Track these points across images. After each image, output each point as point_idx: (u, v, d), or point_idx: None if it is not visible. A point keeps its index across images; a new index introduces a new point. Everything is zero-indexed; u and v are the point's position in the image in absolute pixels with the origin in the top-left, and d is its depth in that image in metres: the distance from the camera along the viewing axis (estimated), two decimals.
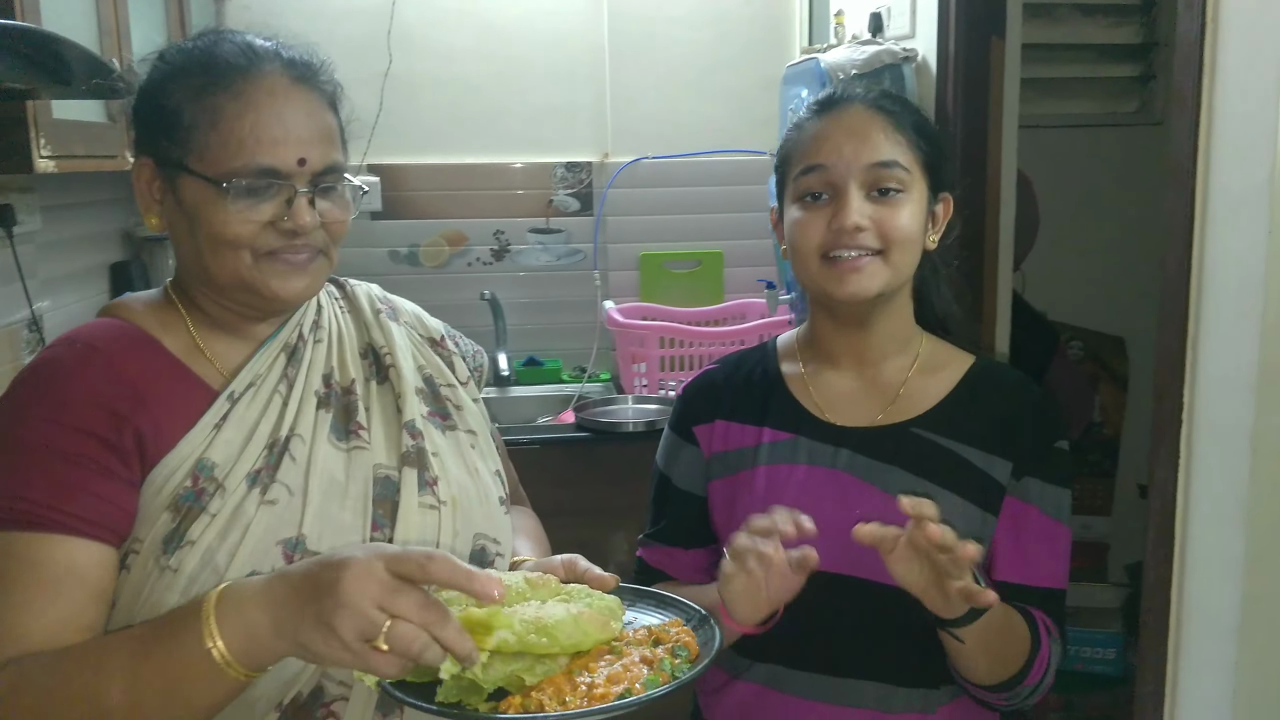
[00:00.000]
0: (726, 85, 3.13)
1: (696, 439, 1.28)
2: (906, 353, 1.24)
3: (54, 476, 0.91)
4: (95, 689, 0.85)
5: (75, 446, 0.92)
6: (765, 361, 1.31)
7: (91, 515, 0.92)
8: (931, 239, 1.21)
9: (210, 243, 0.99)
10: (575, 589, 1.01)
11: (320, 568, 0.82)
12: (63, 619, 0.90)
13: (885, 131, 1.15)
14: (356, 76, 2.88)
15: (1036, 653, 1.12)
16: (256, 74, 0.98)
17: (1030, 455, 1.18)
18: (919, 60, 2.27)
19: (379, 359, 1.14)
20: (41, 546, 0.90)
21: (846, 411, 1.22)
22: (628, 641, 0.97)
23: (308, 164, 0.99)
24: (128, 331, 1.03)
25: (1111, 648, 2.85)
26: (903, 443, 1.18)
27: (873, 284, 1.14)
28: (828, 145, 1.15)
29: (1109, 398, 3.16)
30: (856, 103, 1.18)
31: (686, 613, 1.05)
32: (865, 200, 1.14)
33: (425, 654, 0.80)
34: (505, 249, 3.13)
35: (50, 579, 0.90)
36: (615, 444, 2.58)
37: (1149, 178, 1.51)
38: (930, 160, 1.18)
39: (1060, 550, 1.19)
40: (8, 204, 1.94)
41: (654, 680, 0.91)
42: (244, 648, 0.84)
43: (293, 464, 1.01)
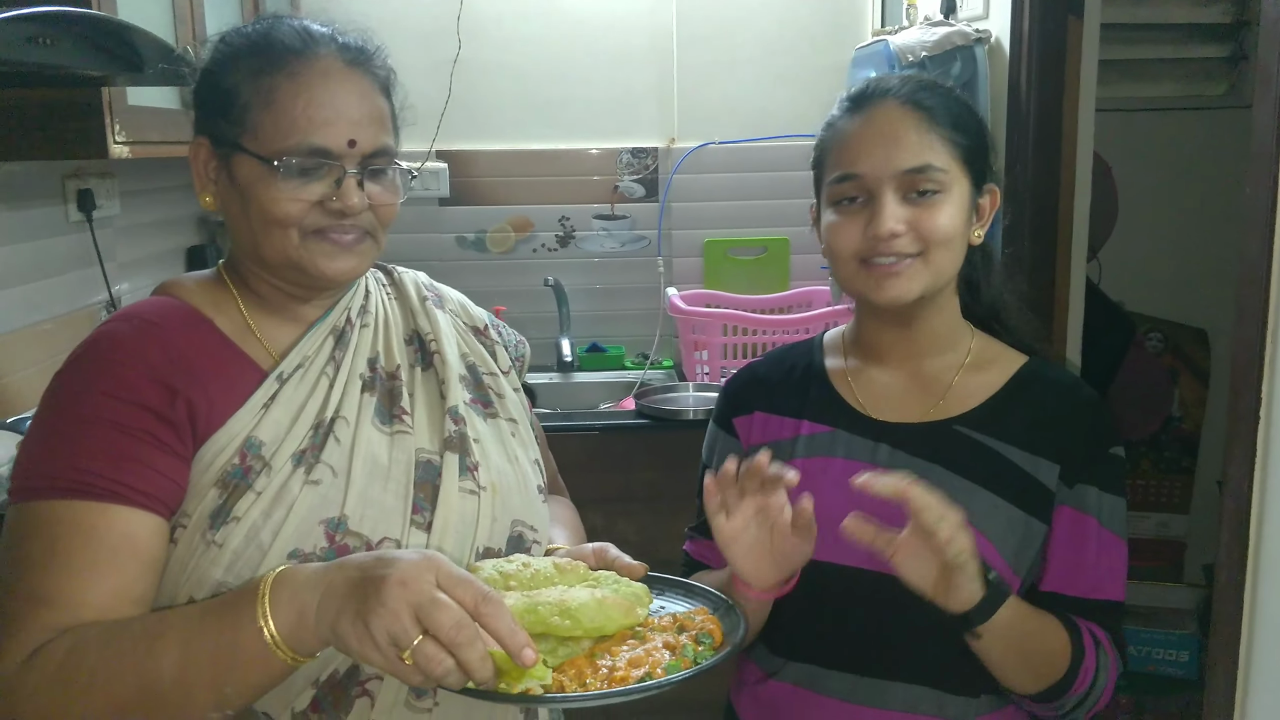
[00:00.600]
0: (795, 69, 3.09)
1: (736, 431, 1.28)
2: (955, 349, 1.21)
3: (111, 448, 0.94)
4: (147, 662, 0.87)
5: (132, 419, 0.95)
6: (810, 355, 1.29)
7: (147, 487, 0.94)
8: (977, 233, 1.18)
9: (260, 221, 1.01)
10: (603, 575, 1.01)
11: (375, 562, 0.84)
12: (117, 589, 0.92)
13: (919, 132, 1.11)
14: (426, 63, 2.95)
15: (1080, 662, 1.08)
16: (311, 56, 1.01)
17: (1083, 461, 1.14)
18: (992, 41, 2.21)
19: (424, 345, 1.16)
20: (100, 516, 0.92)
21: (889, 408, 1.20)
22: (652, 627, 0.97)
23: (358, 145, 1.01)
24: (181, 310, 1.05)
25: (1185, 650, 2.75)
26: (945, 441, 1.15)
27: (913, 287, 1.12)
28: (861, 151, 1.12)
29: (1189, 392, 3.05)
30: (890, 99, 1.14)
31: (713, 601, 1.05)
32: (901, 204, 1.11)
33: (445, 679, 0.81)
34: (570, 235, 3.14)
35: (107, 548, 0.92)
36: (675, 431, 2.57)
37: (1237, 164, 1.44)
38: (971, 154, 1.15)
39: (1118, 562, 1.16)
40: (87, 189, 2.01)
41: (675, 665, 0.91)
42: (293, 631, 0.85)
43: (337, 445, 1.02)
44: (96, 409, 0.95)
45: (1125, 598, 1.17)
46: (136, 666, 0.87)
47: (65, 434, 0.95)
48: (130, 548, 0.93)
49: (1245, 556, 1.27)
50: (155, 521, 0.95)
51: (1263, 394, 1.23)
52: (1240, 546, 1.28)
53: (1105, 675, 1.11)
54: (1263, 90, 1.23)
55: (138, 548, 0.93)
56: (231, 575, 0.96)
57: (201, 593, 0.96)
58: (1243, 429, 1.26)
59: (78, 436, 0.94)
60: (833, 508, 1.14)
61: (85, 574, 0.91)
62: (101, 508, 0.92)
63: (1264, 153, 1.22)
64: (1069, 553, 1.13)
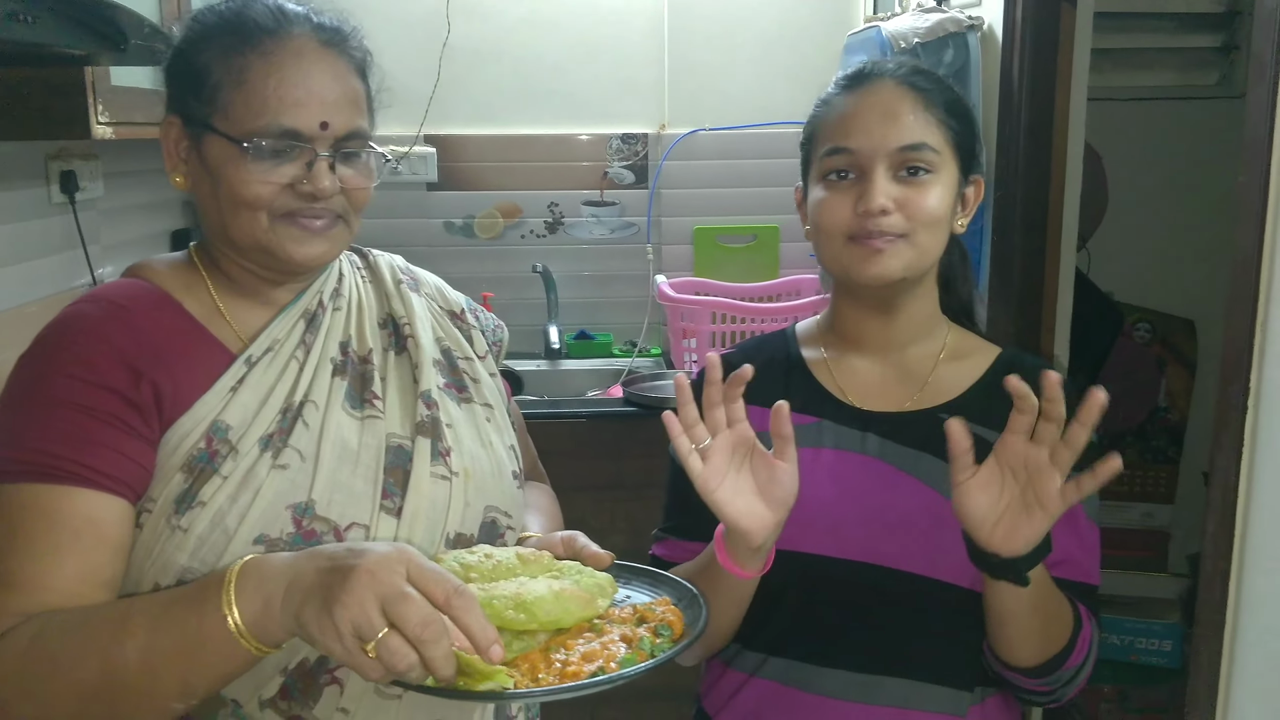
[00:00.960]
0: (787, 55, 3.07)
1: None
2: (933, 339, 1.21)
3: (76, 431, 0.92)
4: (112, 648, 0.86)
5: (97, 402, 0.94)
6: (786, 347, 1.27)
7: (112, 470, 0.93)
8: (960, 222, 1.17)
9: (230, 202, 1.00)
10: (567, 566, 1.00)
11: (346, 552, 0.83)
12: (82, 572, 0.91)
13: (915, 111, 1.11)
14: (415, 47, 2.92)
15: (1079, 631, 1.09)
16: (284, 35, 0.99)
17: None
18: (985, 28, 2.20)
19: (398, 329, 1.14)
20: (63, 499, 0.91)
21: (871, 396, 1.19)
22: (611, 619, 0.96)
23: (330, 128, 0.99)
24: (150, 292, 1.04)
25: (1169, 639, 2.77)
26: (932, 429, 1.12)
27: (896, 264, 1.10)
28: (855, 126, 1.12)
29: (1176, 382, 3.06)
30: (887, 79, 1.14)
31: (678, 592, 1.03)
32: (892, 181, 1.10)
33: (409, 674, 0.80)
34: (559, 221, 3.12)
35: (70, 531, 0.91)
36: None
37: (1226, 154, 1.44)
38: (962, 141, 1.14)
39: (1095, 547, 1.16)
40: (70, 170, 1.98)
41: (631, 659, 0.89)
42: (257, 620, 0.84)
43: (305, 430, 1.01)
44: (61, 391, 0.94)
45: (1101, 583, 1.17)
46: (101, 653, 0.86)
47: (29, 417, 0.94)
48: (94, 531, 0.92)
49: (1231, 546, 1.27)
50: (120, 505, 0.94)
51: (1251, 384, 1.23)
52: (1226, 536, 1.28)
53: (1094, 652, 1.11)
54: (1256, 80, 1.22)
55: (102, 531, 0.92)
56: (197, 560, 0.95)
57: (167, 578, 0.95)
58: (1231, 418, 1.26)
59: (42, 419, 0.93)
60: (824, 499, 1.13)
61: (49, 557, 0.90)
62: (65, 490, 0.91)
63: (1257, 142, 1.22)
64: (1063, 538, 1.12)
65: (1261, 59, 1.21)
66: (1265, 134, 1.20)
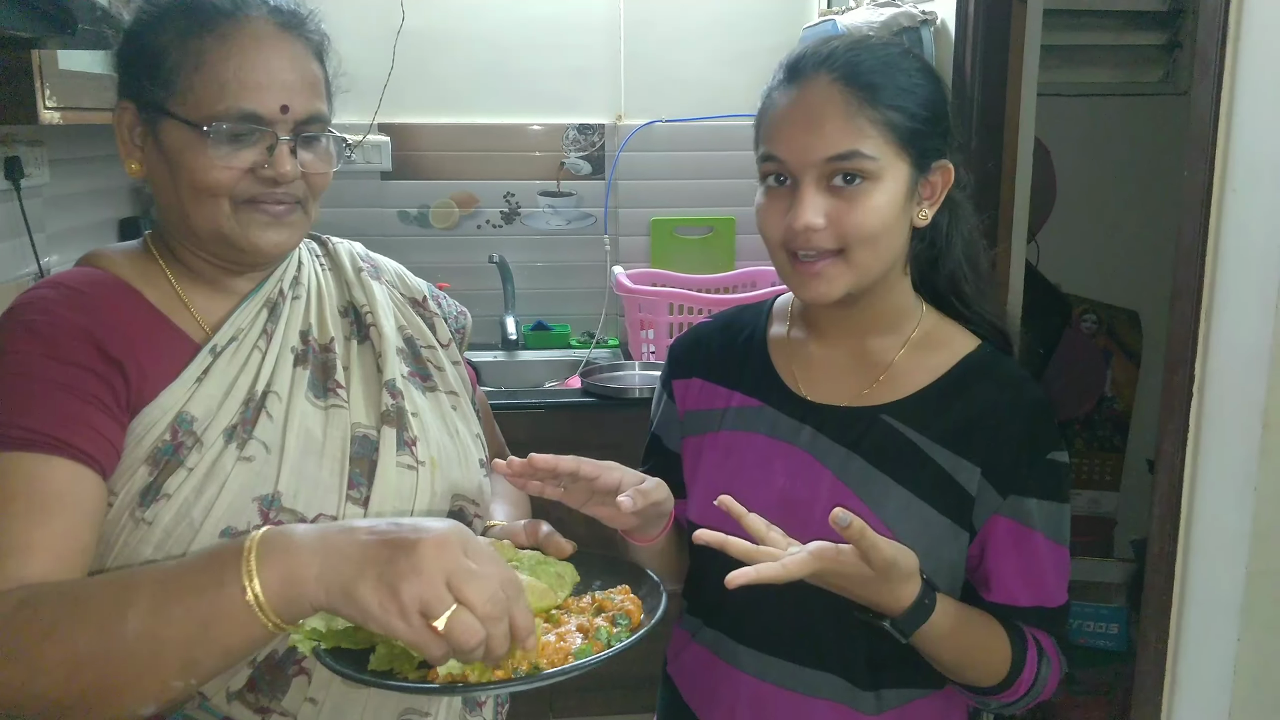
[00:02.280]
0: (743, 47, 3.08)
1: (674, 394, 1.26)
2: (899, 329, 1.16)
3: (51, 404, 0.91)
4: (113, 615, 0.81)
5: (70, 378, 0.92)
6: (757, 321, 1.26)
7: (87, 446, 0.91)
8: (923, 214, 1.09)
9: (189, 189, 0.98)
10: (527, 555, 1.01)
11: (398, 527, 0.81)
12: (64, 533, 0.89)
13: (848, 115, 1.02)
14: (368, 33, 2.89)
15: (1018, 673, 1.08)
16: (242, 18, 0.98)
17: (1014, 468, 1.09)
18: (938, 24, 2.23)
19: (360, 317, 1.13)
20: (43, 466, 0.89)
21: (822, 387, 1.16)
22: (569, 610, 0.96)
23: (290, 111, 0.98)
24: (108, 280, 1.02)
25: (1115, 622, 2.84)
26: (869, 429, 1.11)
27: (834, 289, 1.06)
28: (784, 132, 1.05)
29: (1121, 372, 3.13)
30: (823, 74, 1.04)
31: (637, 580, 1.03)
32: (822, 193, 1.04)
33: (476, 653, 0.79)
34: (515, 212, 3.11)
35: (52, 495, 0.89)
36: (621, 410, 2.57)
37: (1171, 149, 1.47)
38: (912, 134, 1.05)
39: (1062, 569, 1.12)
40: (15, 156, 1.93)
41: (586, 650, 0.90)
42: (282, 593, 0.80)
43: (270, 421, 1.00)
44: (31, 369, 0.92)
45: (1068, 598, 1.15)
46: (99, 620, 0.81)
47: (7, 391, 0.92)
48: (73, 498, 0.90)
49: (1176, 530, 1.31)
50: (94, 478, 0.92)
51: (1196, 372, 1.27)
52: (1172, 520, 1.32)
53: (1043, 685, 1.10)
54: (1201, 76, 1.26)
55: (80, 499, 0.91)
56: (162, 554, 0.93)
57: None
58: (1176, 405, 1.30)
59: (15, 394, 0.91)
60: (750, 482, 1.13)
61: (30, 519, 0.88)
62: (44, 459, 0.89)
63: (1201, 137, 1.25)
64: (1014, 566, 1.10)
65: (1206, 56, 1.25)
66: (1209, 130, 1.24)
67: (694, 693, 1.22)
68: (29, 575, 0.86)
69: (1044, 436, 1.11)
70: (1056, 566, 1.12)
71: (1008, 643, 1.08)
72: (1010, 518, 1.10)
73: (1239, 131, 1.21)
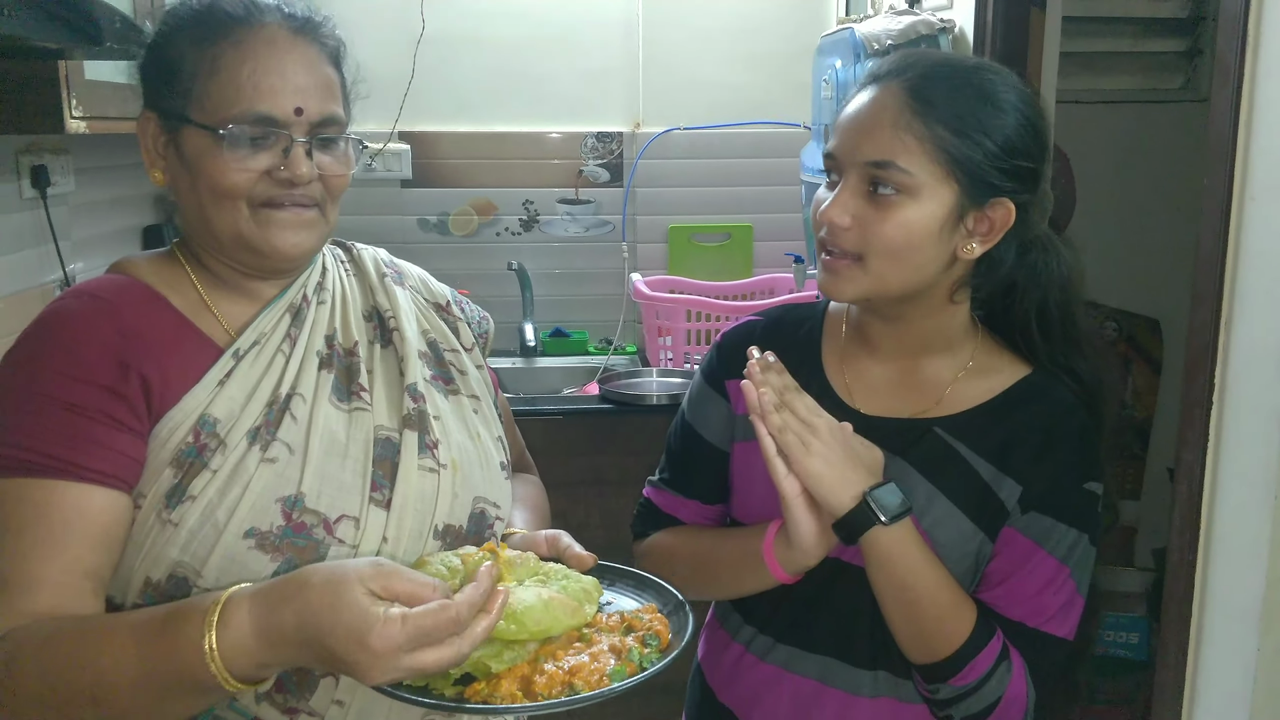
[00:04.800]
0: (761, 55, 3.09)
1: (728, 393, 1.24)
2: (954, 354, 1.15)
3: (62, 426, 0.92)
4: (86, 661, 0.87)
5: (84, 397, 0.93)
6: (811, 324, 1.25)
7: (99, 465, 0.93)
8: (971, 246, 1.06)
9: (209, 194, 1.00)
10: (552, 569, 1.01)
11: (335, 657, 0.83)
12: (67, 565, 0.91)
13: (897, 125, 1.03)
14: (389, 43, 2.91)
15: (971, 655, 1.04)
16: (255, 24, 1.00)
17: (1047, 489, 1.08)
18: (956, 31, 2.23)
19: (383, 322, 1.14)
20: (49, 493, 0.91)
21: (877, 401, 1.16)
22: (599, 628, 0.97)
23: (305, 114, 1.00)
24: (135, 287, 1.04)
25: (1135, 632, 2.82)
26: (919, 440, 1.12)
27: (846, 290, 1.07)
28: (841, 131, 1.08)
29: (1142, 380, 3.11)
30: (893, 82, 1.06)
31: (663, 597, 1.04)
32: (859, 195, 1.05)
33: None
34: (534, 219, 3.12)
35: (57, 524, 0.91)
36: (638, 416, 2.57)
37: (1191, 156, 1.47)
38: (969, 162, 1.03)
39: (1060, 597, 1.07)
40: (42, 165, 1.96)
41: (620, 671, 0.90)
42: (234, 660, 0.85)
43: (293, 423, 1.01)
44: (47, 387, 0.93)
45: (1072, 637, 1.09)
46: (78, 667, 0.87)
47: (15, 413, 0.93)
48: (80, 522, 0.92)
49: (1196, 539, 1.30)
50: (108, 495, 0.94)
51: (1215, 380, 1.27)
52: (1191, 529, 1.31)
53: (998, 689, 1.05)
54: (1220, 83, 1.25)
55: (87, 522, 0.92)
56: (188, 554, 0.95)
57: (158, 572, 0.96)
58: (1196, 414, 1.29)
59: (28, 416, 0.93)
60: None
61: (34, 552, 0.90)
62: (51, 484, 0.91)
63: (1221, 144, 1.25)
64: (1005, 573, 1.09)
65: (1225, 63, 1.24)
66: (1229, 137, 1.23)
67: (731, 691, 1.23)
68: (34, 610, 0.89)
69: (1084, 464, 1.10)
70: (1059, 591, 1.08)
71: (972, 622, 1.06)
72: (1019, 530, 1.09)
73: (1259, 138, 1.20)
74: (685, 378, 2.78)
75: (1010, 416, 1.12)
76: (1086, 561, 1.09)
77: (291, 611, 0.83)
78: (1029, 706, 1.08)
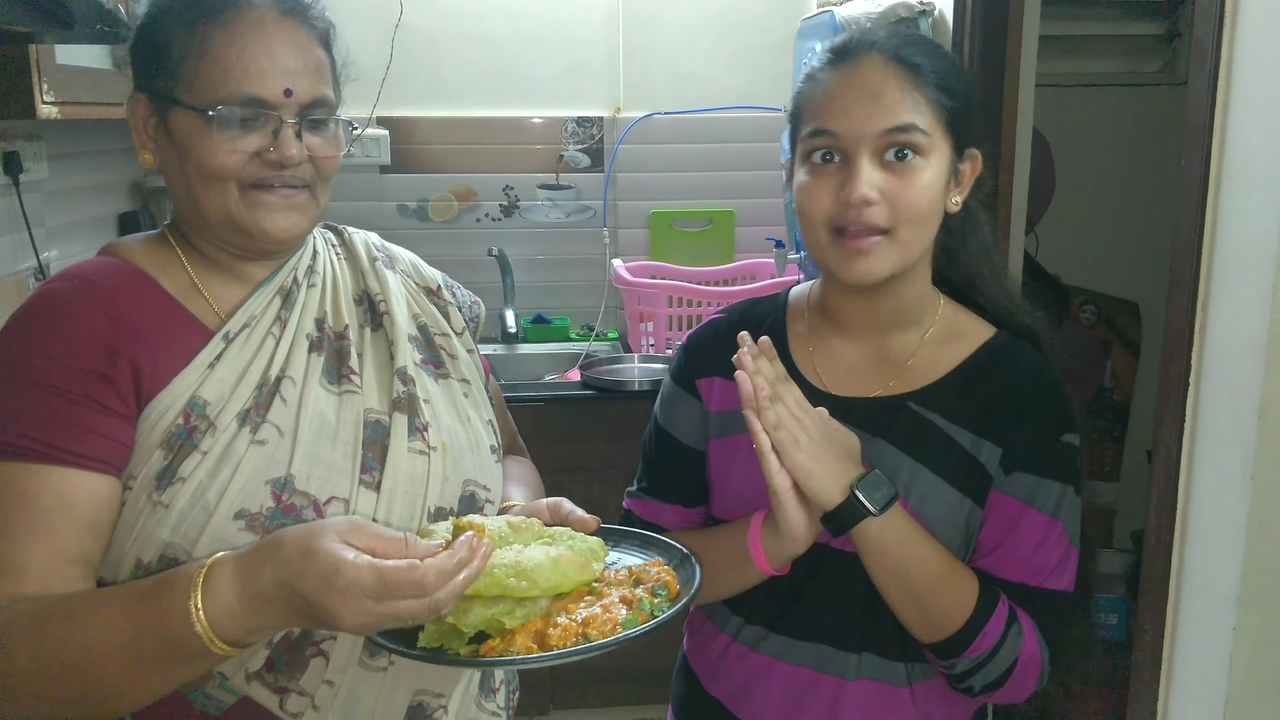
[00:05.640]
0: (741, 39, 3.08)
1: (699, 392, 1.24)
2: (920, 322, 1.17)
3: (48, 411, 0.93)
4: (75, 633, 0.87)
5: (70, 382, 0.94)
6: (774, 316, 1.25)
7: (84, 449, 0.93)
8: (955, 199, 1.11)
9: (199, 175, 1.00)
10: (557, 532, 1.02)
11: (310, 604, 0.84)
12: (53, 550, 0.92)
13: (903, 90, 1.05)
14: (367, 28, 2.88)
15: (981, 625, 1.05)
16: (244, 5, 1.00)
17: (1027, 447, 1.10)
18: (936, 14, 2.22)
19: (374, 306, 1.15)
20: (33, 478, 0.92)
21: (848, 382, 1.17)
22: (608, 583, 0.98)
23: (294, 95, 1.00)
24: (126, 269, 1.04)
25: (1114, 613, 2.84)
26: (896, 417, 1.13)
27: (881, 267, 1.07)
28: (838, 107, 1.06)
29: (1120, 363, 3.13)
30: (875, 53, 1.07)
31: (668, 552, 1.06)
32: (876, 168, 1.05)
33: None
34: (514, 205, 3.11)
35: (41, 511, 0.91)
36: (620, 402, 2.57)
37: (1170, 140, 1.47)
38: (955, 117, 1.08)
39: (1063, 554, 1.10)
40: (14, 151, 1.94)
41: (633, 620, 0.92)
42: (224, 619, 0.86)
43: (283, 405, 1.02)
44: (32, 371, 0.94)
45: (1072, 589, 1.11)
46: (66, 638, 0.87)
47: (4, 396, 0.94)
48: (64, 508, 0.92)
49: (1174, 521, 1.31)
50: (94, 480, 0.94)
51: (1193, 363, 1.27)
52: (1169, 511, 1.32)
53: (1011, 653, 1.06)
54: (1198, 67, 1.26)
55: (72, 507, 0.93)
56: (179, 536, 0.95)
57: (149, 554, 0.96)
58: (1173, 396, 1.30)
59: (15, 399, 0.93)
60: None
61: (21, 537, 0.91)
62: (35, 469, 0.92)
63: (1198, 127, 1.25)
64: (999, 538, 1.10)
65: (1202, 46, 1.24)
66: (1206, 119, 1.24)
67: (719, 682, 1.23)
68: (20, 595, 0.90)
69: (1058, 418, 1.12)
70: (1054, 547, 1.10)
71: (975, 592, 1.07)
72: (1006, 493, 1.11)
73: (1236, 121, 1.21)
74: (667, 363, 2.77)
75: (981, 382, 1.14)
76: (1075, 512, 1.12)
77: (269, 569, 0.85)
78: (1044, 663, 1.10)
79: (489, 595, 0.89)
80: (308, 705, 1.01)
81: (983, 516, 1.12)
